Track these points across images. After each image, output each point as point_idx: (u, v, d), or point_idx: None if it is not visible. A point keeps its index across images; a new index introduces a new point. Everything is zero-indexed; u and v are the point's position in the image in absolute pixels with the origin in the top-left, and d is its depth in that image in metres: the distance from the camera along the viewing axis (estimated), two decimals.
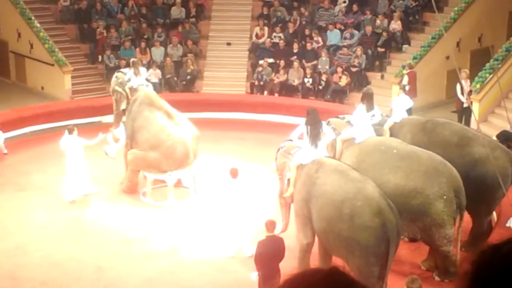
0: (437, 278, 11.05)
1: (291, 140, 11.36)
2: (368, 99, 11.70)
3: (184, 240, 12.68)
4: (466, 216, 11.33)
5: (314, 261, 11.03)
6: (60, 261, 11.96)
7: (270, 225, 9.79)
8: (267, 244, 9.69)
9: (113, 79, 15.26)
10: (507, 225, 12.11)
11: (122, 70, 15.85)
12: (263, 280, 9.69)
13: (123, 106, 14.76)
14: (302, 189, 10.59)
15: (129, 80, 14.83)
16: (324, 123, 11.56)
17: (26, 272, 11.64)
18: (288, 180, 10.88)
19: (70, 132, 13.97)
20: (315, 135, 10.78)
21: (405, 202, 10.63)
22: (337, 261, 10.65)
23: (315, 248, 10.84)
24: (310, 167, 10.62)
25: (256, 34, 22.95)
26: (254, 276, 9.87)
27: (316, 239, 10.74)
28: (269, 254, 9.68)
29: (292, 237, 10.87)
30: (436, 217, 10.59)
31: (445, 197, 10.59)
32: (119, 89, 14.82)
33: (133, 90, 14.71)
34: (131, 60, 15.75)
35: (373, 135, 11.63)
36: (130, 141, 14.30)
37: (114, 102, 15.16)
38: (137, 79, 14.82)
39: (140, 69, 15.13)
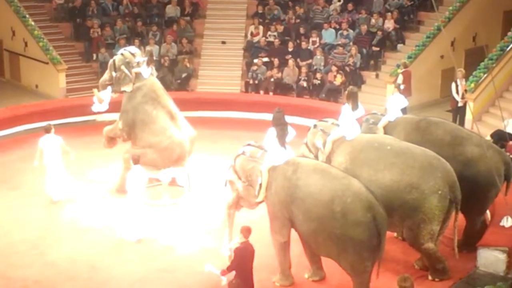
0: (430, 277, 11.07)
1: (249, 145, 11.24)
2: (352, 98, 11.72)
3: (178, 239, 12.67)
4: (460, 215, 11.34)
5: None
6: (53, 260, 11.94)
7: (246, 231, 9.78)
8: (243, 252, 9.72)
9: (119, 56, 14.61)
10: (501, 224, 12.12)
11: (129, 49, 15.01)
12: (239, 285, 9.74)
13: (127, 88, 14.32)
14: (280, 191, 10.49)
15: (138, 64, 14.40)
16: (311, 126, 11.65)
17: (19, 271, 11.60)
18: (260, 184, 10.69)
19: (48, 131, 14.00)
20: (282, 136, 10.73)
21: (400, 198, 10.68)
22: (327, 261, 10.72)
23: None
24: (285, 168, 10.54)
25: (251, 33, 22.97)
26: (224, 281, 9.91)
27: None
28: (245, 261, 9.73)
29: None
30: (429, 211, 10.63)
31: (439, 192, 10.63)
32: (126, 70, 14.32)
33: (139, 75, 14.36)
34: (146, 48, 15.39)
35: (359, 132, 11.69)
36: (128, 129, 14.25)
37: (106, 74, 14.70)
38: (148, 69, 14.45)
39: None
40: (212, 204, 13.56)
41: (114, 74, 14.51)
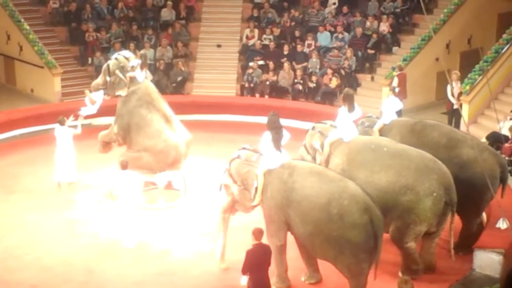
0: (400, 274, 10.90)
1: (244, 148, 11.23)
2: (348, 100, 11.73)
3: (174, 243, 12.66)
4: (456, 218, 11.35)
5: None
6: (49, 264, 11.92)
7: (258, 233, 9.76)
8: (255, 253, 9.68)
9: (113, 61, 14.56)
10: (497, 226, 12.15)
11: (123, 53, 15.01)
12: (252, 286, 9.71)
13: (122, 92, 14.30)
14: (276, 195, 10.48)
15: (132, 68, 14.37)
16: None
17: (15, 275, 11.58)
18: (256, 188, 10.68)
19: (61, 123, 14.76)
20: (277, 139, 10.72)
21: (395, 199, 10.69)
22: (323, 264, 10.72)
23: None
24: (281, 171, 10.53)
25: (246, 36, 22.98)
26: (243, 280, 9.87)
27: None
28: (257, 262, 9.68)
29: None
30: (422, 213, 10.64)
31: (434, 194, 10.64)
32: (120, 75, 14.30)
33: (134, 79, 14.32)
34: (140, 52, 15.36)
35: (357, 134, 11.72)
36: (123, 133, 14.26)
37: (100, 79, 14.65)
38: (142, 73, 14.41)
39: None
40: (208, 207, 13.54)
41: (108, 78, 14.50)
